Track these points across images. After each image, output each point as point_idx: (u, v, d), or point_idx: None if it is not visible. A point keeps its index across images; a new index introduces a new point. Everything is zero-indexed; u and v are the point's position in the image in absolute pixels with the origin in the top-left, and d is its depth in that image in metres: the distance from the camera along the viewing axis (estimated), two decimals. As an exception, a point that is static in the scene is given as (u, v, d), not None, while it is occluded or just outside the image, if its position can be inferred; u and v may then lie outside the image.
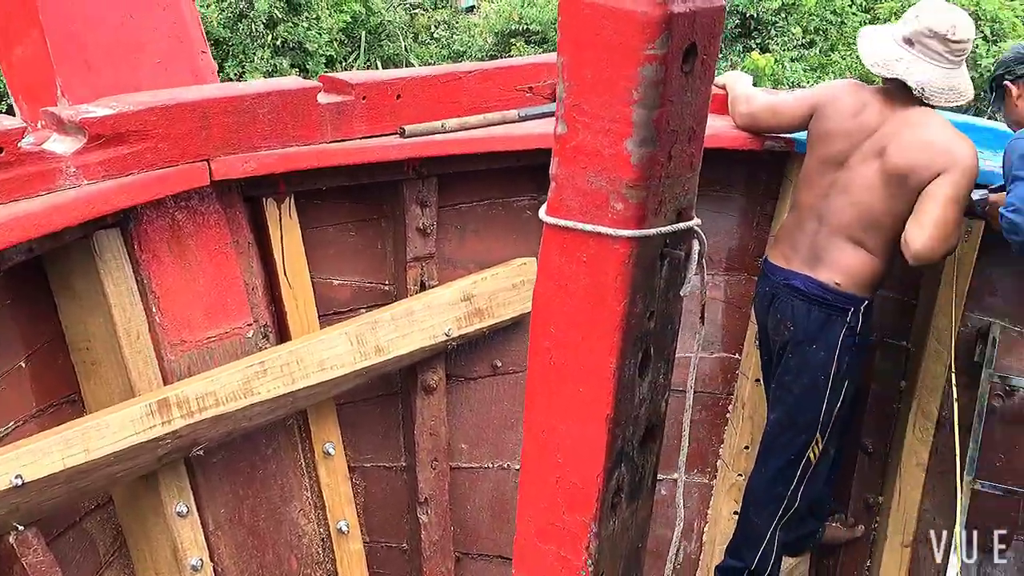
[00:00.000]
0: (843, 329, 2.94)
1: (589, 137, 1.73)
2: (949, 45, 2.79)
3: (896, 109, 2.89)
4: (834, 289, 2.95)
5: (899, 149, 2.83)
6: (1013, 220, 2.60)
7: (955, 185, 2.75)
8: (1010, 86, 2.87)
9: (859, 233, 2.93)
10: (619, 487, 1.96)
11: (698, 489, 3.59)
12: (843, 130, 2.95)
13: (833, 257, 2.96)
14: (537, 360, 1.94)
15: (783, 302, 3.03)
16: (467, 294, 3.08)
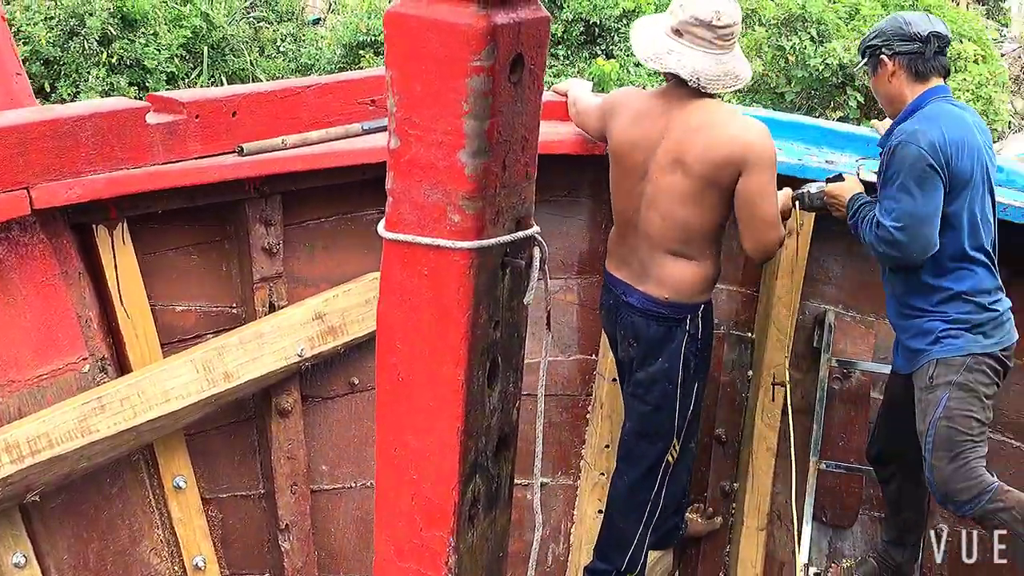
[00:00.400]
0: (684, 337, 2.95)
1: (423, 150, 1.72)
2: (716, 31, 2.73)
3: (678, 109, 2.82)
4: (666, 303, 2.94)
5: (695, 157, 2.78)
6: (897, 238, 2.64)
7: (763, 176, 2.75)
8: (886, 60, 2.83)
9: (678, 246, 2.90)
10: (475, 498, 1.96)
11: (563, 491, 3.63)
12: (629, 141, 2.92)
13: (658, 273, 2.94)
14: (385, 377, 1.92)
15: (624, 318, 3.04)
16: (319, 312, 3.02)
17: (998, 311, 2.73)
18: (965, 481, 2.61)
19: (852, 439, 3.60)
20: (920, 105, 2.81)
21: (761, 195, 2.76)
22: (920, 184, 2.65)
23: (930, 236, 2.67)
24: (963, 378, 2.67)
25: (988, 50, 10.20)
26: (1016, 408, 3.53)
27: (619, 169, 3.02)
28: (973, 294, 2.71)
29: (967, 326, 2.70)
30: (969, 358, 2.68)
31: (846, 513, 3.63)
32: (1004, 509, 2.56)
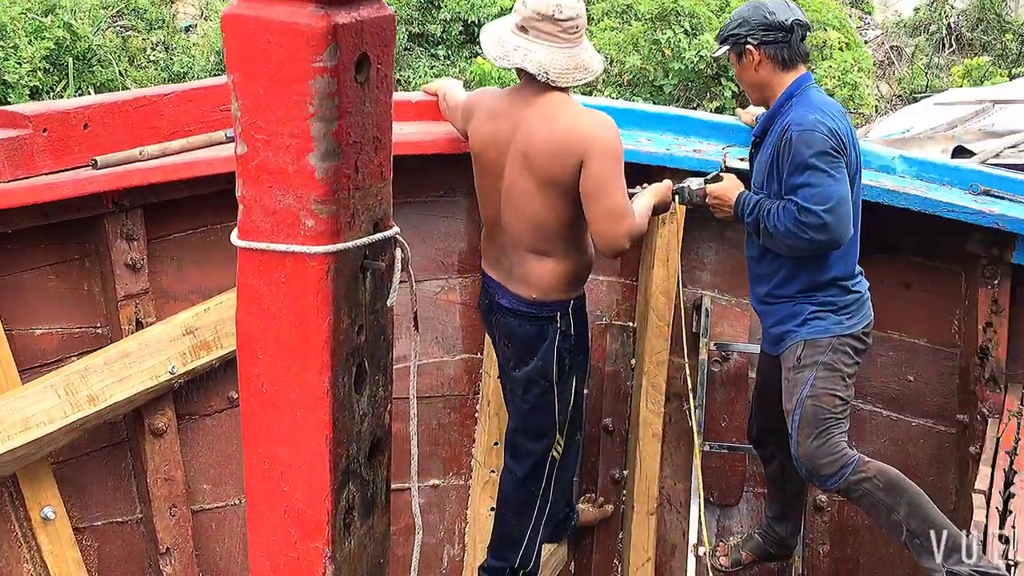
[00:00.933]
0: (556, 335, 2.94)
1: (271, 155, 1.69)
2: (560, 24, 2.68)
3: (527, 107, 2.78)
4: (534, 302, 2.91)
5: (540, 152, 2.74)
6: (827, 221, 2.61)
7: (603, 165, 2.68)
8: (752, 50, 2.83)
9: (539, 244, 2.86)
10: (350, 506, 1.93)
11: (455, 491, 3.62)
12: (484, 139, 2.89)
13: (523, 272, 2.90)
14: (248, 389, 1.87)
15: (498, 319, 3.03)
16: (190, 327, 2.93)
17: (860, 292, 2.84)
18: (829, 456, 2.70)
19: (734, 419, 3.69)
20: (794, 92, 2.86)
21: (603, 186, 2.69)
22: (834, 167, 2.68)
23: (850, 217, 2.72)
24: (828, 358, 2.77)
25: (852, 37, 10.64)
26: (884, 379, 3.68)
27: (478, 169, 3.00)
28: (842, 278, 2.81)
29: (833, 308, 2.79)
30: (835, 339, 2.78)
31: (732, 492, 3.73)
32: (866, 479, 2.66)
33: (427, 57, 9.42)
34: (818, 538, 3.62)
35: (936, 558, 2.56)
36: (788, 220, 2.68)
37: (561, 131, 2.73)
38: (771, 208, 2.76)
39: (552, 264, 2.91)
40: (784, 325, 2.87)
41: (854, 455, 2.70)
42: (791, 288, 2.84)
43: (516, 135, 2.81)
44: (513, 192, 2.87)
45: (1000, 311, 3.46)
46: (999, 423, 3.33)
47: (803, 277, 2.82)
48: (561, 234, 2.87)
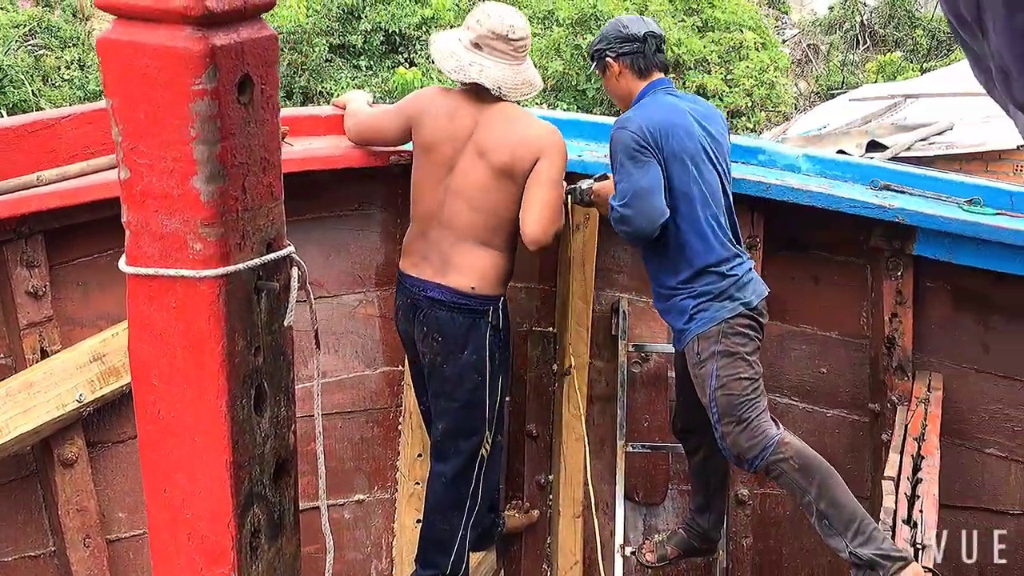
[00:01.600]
0: (488, 329, 3.05)
1: (155, 179, 1.67)
2: (512, 44, 2.97)
3: (487, 109, 3.03)
4: (471, 293, 3.03)
5: (499, 146, 2.97)
6: (623, 214, 2.85)
7: (553, 167, 2.97)
8: (612, 62, 3.05)
9: (484, 234, 3.03)
10: (256, 529, 1.91)
11: (381, 505, 3.61)
12: (444, 135, 3.04)
13: (463, 262, 3.04)
14: (145, 416, 1.84)
15: (426, 314, 3.08)
16: (97, 354, 2.87)
17: (737, 275, 2.92)
18: (751, 439, 2.76)
19: (655, 419, 3.75)
20: (641, 97, 3.06)
21: (551, 181, 2.96)
22: (633, 161, 2.86)
23: (654, 206, 2.84)
24: (722, 346, 2.84)
25: (767, 37, 10.89)
26: (798, 372, 3.77)
27: (427, 163, 3.10)
28: (713, 265, 2.89)
29: (711, 296, 2.88)
30: (723, 324, 2.85)
31: (656, 490, 3.78)
32: (783, 459, 2.73)
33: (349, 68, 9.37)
34: (741, 531, 3.69)
35: (842, 540, 2.63)
36: (611, 215, 2.91)
37: (522, 129, 3.02)
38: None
39: (493, 256, 3.07)
40: (677, 323, 2.95)
41: (774, 436, 2.76)
42: (670, 282, 2.95)
43: (476, 132, 3.04)
44: (466, 186, 3.04)
45: (904, 302, 3.57)
46: (907, 410, 3.43)
47: (677, 270, 2.92)
48: (506, 227, 3.05)
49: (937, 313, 3.65)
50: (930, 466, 3.11)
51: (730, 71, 9.63)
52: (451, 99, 3.10)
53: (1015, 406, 3.59)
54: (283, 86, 9.60)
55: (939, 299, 3.64)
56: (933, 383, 3.55)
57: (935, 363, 3.64)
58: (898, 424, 3.38)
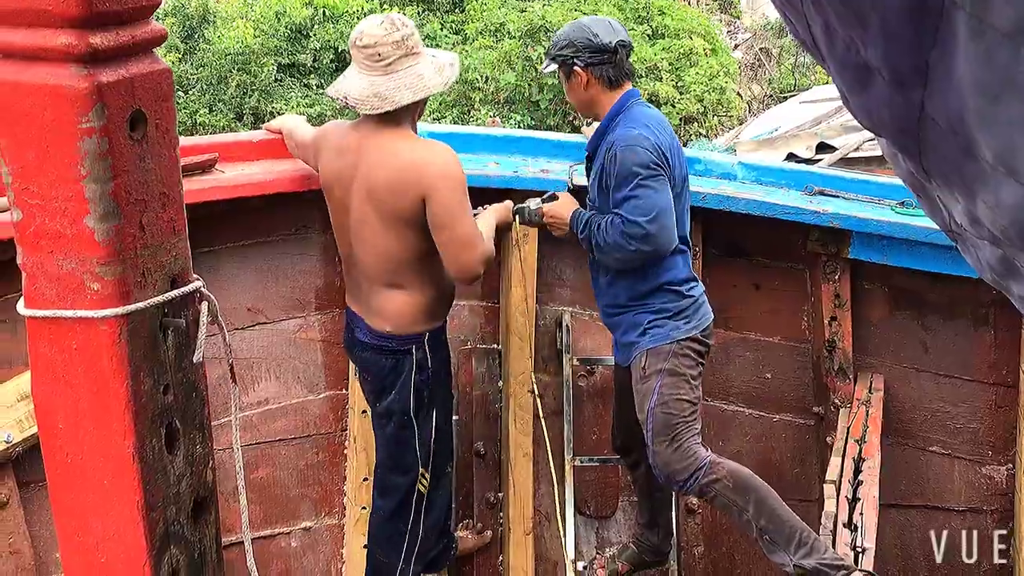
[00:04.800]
0: (412, 368, 2.93)
1: (47, 220, 1.64)
2: (363, 51, 2.70)
3: (367, 141, 2.80)
4: (390, 335, 2.91)
5: (379, 186, 2.75)
6: (649, 231, 2.69)
7: (445, 197, 2.70)
8: (580, 71, 2.88)
9: (390, 278, 2.87)
10: (174, 570, 1.88)
11: (329, 531, 3.57)
12: (332, 176, 2.88)
13: (377, 305, 2.91)
14: (52, 461, 1.81)
15: (357, 355, 3.03)
16: (24, 393, 2.81)
17: (694, 296, 2.91)
18: (682, 461, 2.76)
19: (604, 432, 3.74)
20: (621, 109, 2.95)
21: (449, 217, 2.72)
22: (655, 180, 2.77)
23: (673, 227, 2.81)
24: (671, 364, 2.83)
25: (717, 43, 10.98)
26: (744, 379, 3.79)
27: (330, 205, 2.99)
28: (673, 284, 2.88)
29: (669, 314, 2.86)
30: (675, 344, 2.84)
31: (607, 503, 3.78)
32: (716, 480, 2.73)
33: (299, 87, 9.31)
34: (692, 540, 3.69)
35: (785, 553, 2.63)
36: (615, 233, 2.76)
37: (400, 167, 2.75)
38: (600, 223, 2.83)
39: (405, 296, 2.91)
40: (627, 336, 2.93)
41: (705, 458, 2.76)
42: (627, 297, 2.91)
43: (358, 171, 2.82)
44: (362, 228, 2.87)
45: (843, 304, 3.60)
46: (849, 412, 3.45)
47: (637, 286, 2.89)
48: (412, 266, 2.88)
49: (876, 315, 3.68)
50: (871, 468, 3.13)
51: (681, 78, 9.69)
52: (342, 134, 2.90)
53: (955, 403, 3.63)
54: (233, 107, 9.50)
55: (877, 301, 3.67)
56: (874, 384, 3.58)
57: (876, 364, 3.67)
58: (840, 427, 3.41)
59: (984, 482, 3.64)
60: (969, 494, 3.64)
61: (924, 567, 3.61)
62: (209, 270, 3.22)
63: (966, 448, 3.63)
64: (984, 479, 3.64)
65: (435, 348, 3.00)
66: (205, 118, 10.26)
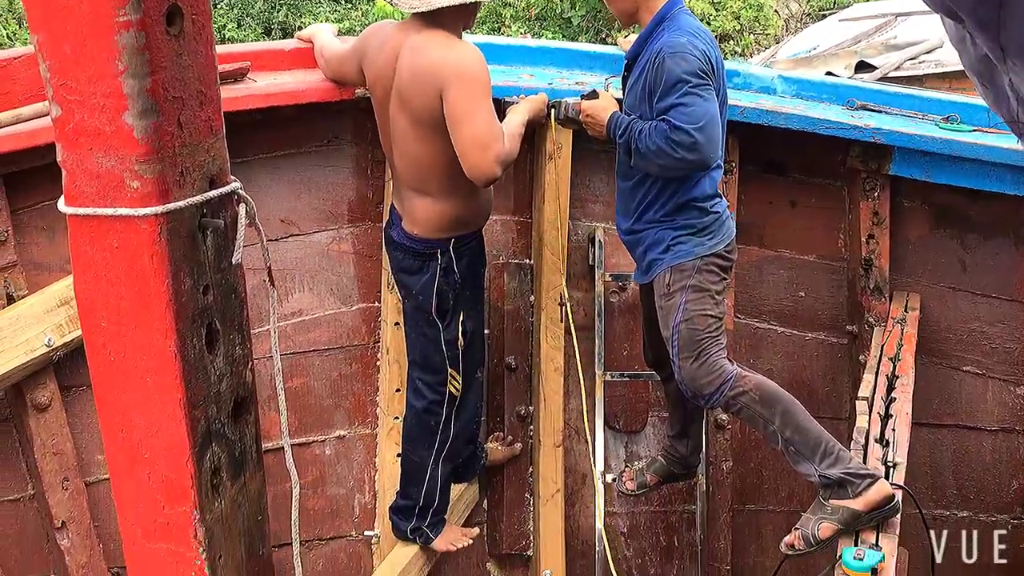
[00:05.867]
0: (436, 272, 2.97)
1: (86, 116, 1.63)
2: None
3: (405, 41, 2.77)
4: (416, 238, 2.96)
5: (408, 89, 2.74)
6: (697, 140, 2.61)
7: (461, 94, 2.64)
8: None
9: (418, 183, 2.89)
10: (216, 467, 1.92)
11: (362, 440, 3.62)
12: (374, 75, 2.88)
13: (409, 208, 2.95)
14: (96, 359, 1.83)
15: (391, 253, 3.08)
16: (65, 299, 2.85)
17: (718, 212, 2.87)
18: (708, 375, 2.75)
19: (634, 348, 3.74)
20: (666, 15, 2.84)
21: (463, 115, 2.65)
22: (704, 89, 2.69)
23: (719, 139, 2.75)
24: (695, 280, 2.80)
25: (756, -42, 10.64)
26: (777, 297, 3.76)
27: (375, 106, 3.00)
28: (699, 200, 2.83)
29: (693, 231, 2.82)
30: (699, 260, 2.81)
31: (637, 418, 3.80)
32: (743, 393, 2.72)
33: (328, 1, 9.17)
34: (720, 455, 3.72)
35: (810, 464, 2.64)
36: (659, 139, 2.68)
37: (424, 64, 2.72)
38: (642, 128, 2.76)
39: (432, 203, 2.92)
40: (650, 253, 2.90)
41: (732, 371, 2.75)
42: (652, 214, 2.86)
43: (394, 72, 2.81)
44: (395, 131, 2.89)
45: (881, 222, 3.54)
46: (884, 331, 3.42)
47: (662, 202, 2.85)
48: (438, 173, 2.87)
49: (914, 233, 3.62)
50: (904, 385, 3.11)
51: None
52: (384, 35, 2.88)
53: (992, 323, 3.59)
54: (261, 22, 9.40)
55: (916, 219, 3.61)
56: (910, 303, 3.54)
57: (912, 283, 3.62)
58: (874, 345, 3.38)
59: (1018, 402, 3.62)
60: (1002, 414, 3.62)
61: (953, 486, 3.62)
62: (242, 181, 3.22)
63: (1001, 368, 3.61)
64: (1018, 399, 3.61)
65: (461, 255, 3.02)
66: (233, 33, 10.16)
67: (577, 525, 3.75)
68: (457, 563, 3.68)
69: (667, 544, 3.78)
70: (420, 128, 2.78)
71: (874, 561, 2.34)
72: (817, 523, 2.63)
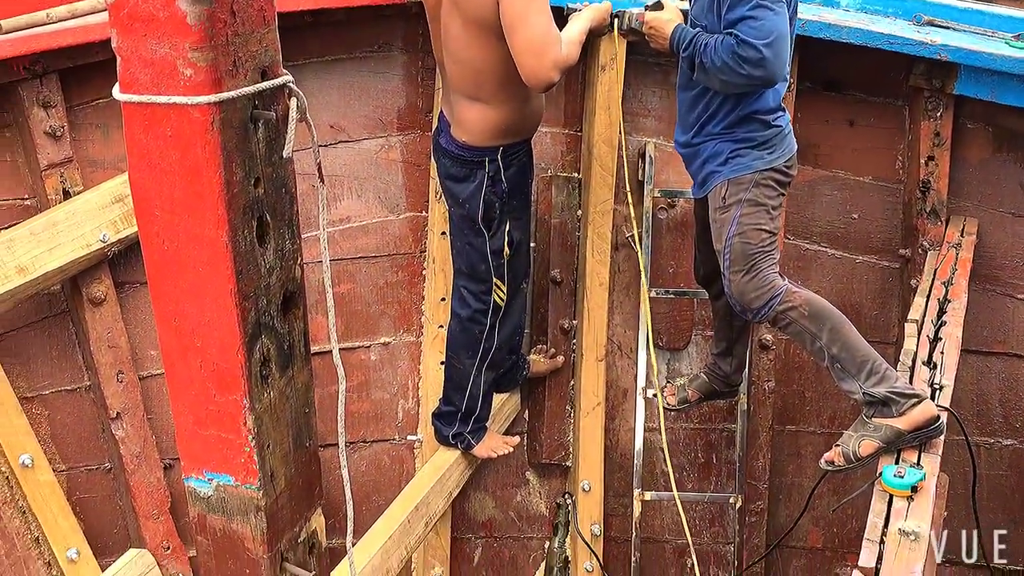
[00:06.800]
0: (484, 181, 2.95)
1: (140, 1, 1.62)
2: None
3: None
4: (464, 145, 2.94)
5: None
6: (765, 55, 2.52)
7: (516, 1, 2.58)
8: None
9: (469, 88, 2.86)
10: (265, 358, 1.95)
11: (407, 348, 3.68)
12: None
13: (459, 115, 2.92)
14: (151, 248, 1.86)
15: (439, 160, 3.07)
16: (119, 195, 2.90)
17: (780, 126, 2.80)
18: (758, 289, 2.72)
19: (681, 265, 3.72)
20: None
21: (519, 18, 2.59)
22: (776, 3, 2.59)
23: (788, 56, 2.66)
24: (752, 194, 2.75)
25: None
26: (829, 218, 3.69)
27: (427, 11, 2.96)
28: (760, 113, 2.76)
29: (753, 144, 2.76)
30: (756, 174, 2.75)
31: (680, 336, 3.79)
32: (792, 308, 2.69)
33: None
34: (763, 375, 3.71)
35: (855, 381, 2.62)
36: (726, 54, 2.61)
37: None
38: (708, 42, 2.68)
39: (482, 109, 2.89)
40: (708, 166, 2.85)
41: (782, 286, 2.72)
42: (713, 127, 2.80)
43: None
44: (448, 35, 2.85)
45: (942, 143, 3.45)
46: (938, 255, 3.36)
47: (724, 115, 2.78)
48: (490, 78, 2.83)
49: (975, 156, 3.51)
50: (955, 309, 3.06)
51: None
52: None
53: None
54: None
55: (978, 141, 3.50)
56: (967, 228, 3.46)
57: (970, 208, 3.54)
58: (927, 269, 3.32)
59: (1072, 333, 3.55)
60: None
61: (1000, 414, 3.58)
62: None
63: None
64: None
65: (509, 164, 3.00)
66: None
67: (616, 439, 3.79)
68: (497, 470, 3.75)
69: (705, 461, 3.81)
70: (474, 32, 2.73)
71: (914, 479, 2.33)
72: (859, 440, 2.63)
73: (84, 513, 3.03)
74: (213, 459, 2.03)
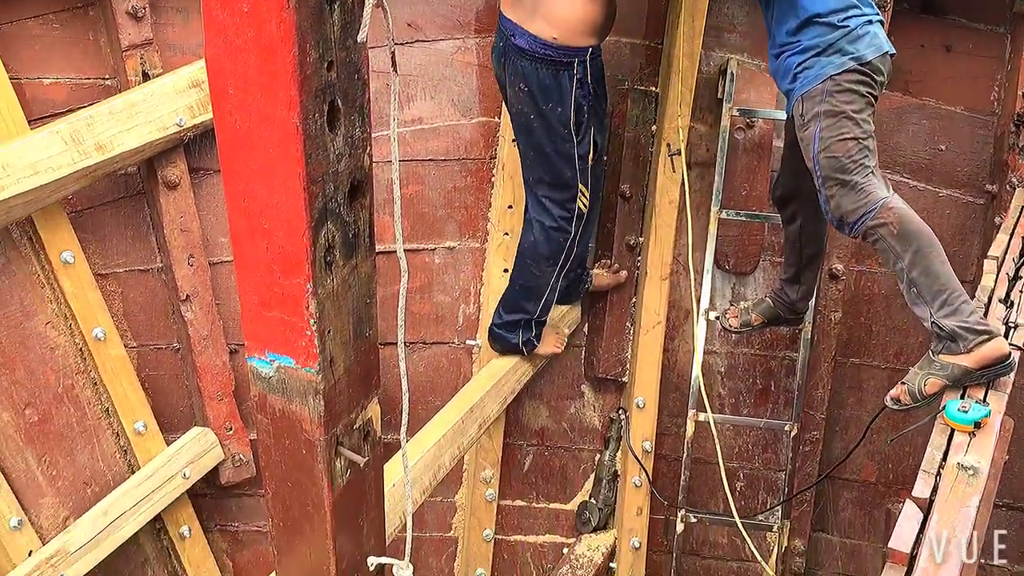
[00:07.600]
0: (572, 82, 2.92)
1: None
2: None
3: None
4: (552, 44, 2.88)
5: None
6: None
7: None
8: None
9: None
10: (330, 245, 1.96)
11: (471, 253, 3.68)
12: None
13: (546, 9, 2.86)
14: (223, 126, 1.86)
15: (513, 63, 2.99)
16: (196, 80, 2.91)
17: (849, 26, 2.65)
18: (853, 204, 2.60)
19: (755, 188, 3.64)
20: None
21: None
22: None
23: None
24: (826, 105, 2.64)
25: None
26: (915, 148, 3.56)
27: None
28: (823, 15, 2.63)
29: (818, 51, 2.64)
30: (828, 82, 2.63)
31: (748, 260, 3.73)
32: (883, 224, 2.57)
33: None
34: (831, 305, 3.64)
35: (927, 307, 2.54)
36: None
37: None
38: None
39: (582, 3, 2.85)
40: (783, 83, 2.77)
41: (877, 201, 2.58)
42: (782, 35, 2.71)
43: None
44: None
45: None
46: (1026, 192, 3.22)
47: (788, 19, 2.68)
48: None
49: None
50: (1040, 249, 2.95)
51: None
52: None
53: None
54: None
55: None
56: None
57: None
58: (1013, 206, 3.19)
59: None
60: None
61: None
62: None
63: None
64: None
65: (595, 66, 2.97)
66: None
67: (675, 359, 3.78)
68: (553, 380, 3.78)
69: (763, 387, 3.78)
70: None
71: (979, 415, 2.28)
72: (924, 378, 2.56)
73: (152, 390, 3.13)
74: (275, 341, 2.07)
